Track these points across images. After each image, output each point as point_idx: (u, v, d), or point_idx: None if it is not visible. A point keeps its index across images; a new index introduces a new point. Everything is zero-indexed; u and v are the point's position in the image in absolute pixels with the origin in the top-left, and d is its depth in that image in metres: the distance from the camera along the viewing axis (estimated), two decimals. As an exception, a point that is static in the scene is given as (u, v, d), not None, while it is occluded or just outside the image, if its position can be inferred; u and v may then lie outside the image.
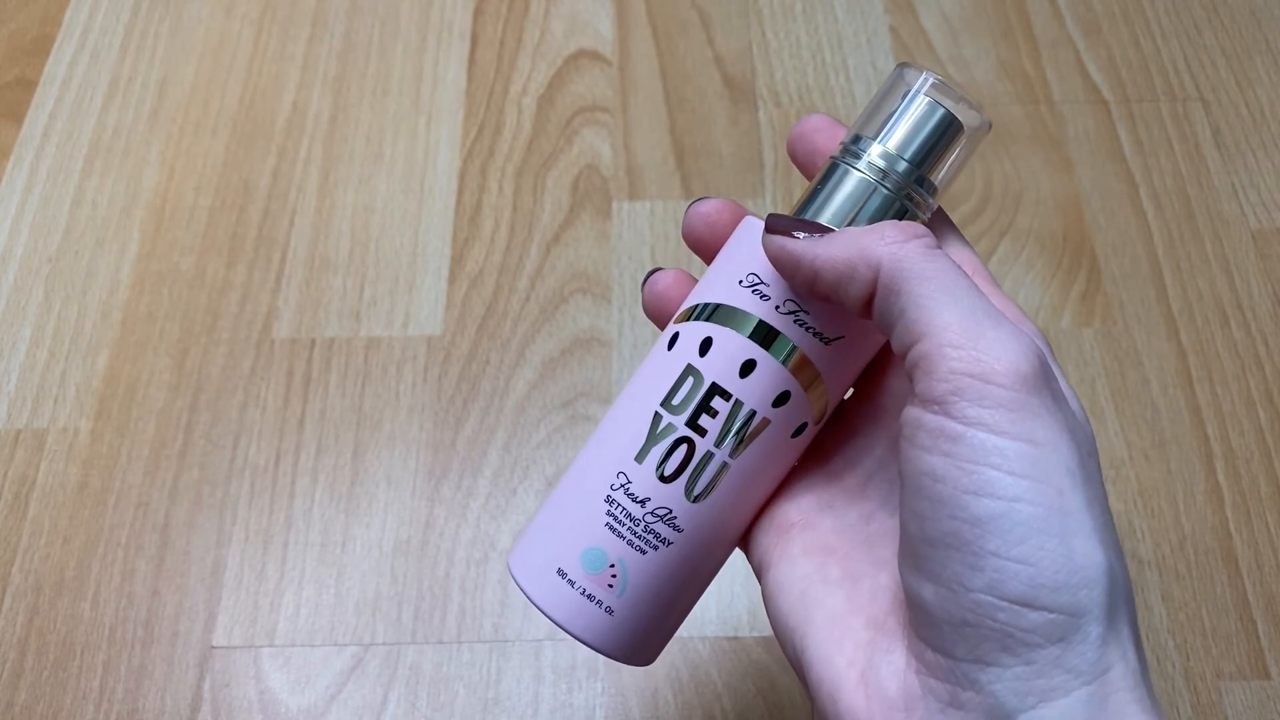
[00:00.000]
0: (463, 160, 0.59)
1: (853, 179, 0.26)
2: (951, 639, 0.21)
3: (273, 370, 0.52)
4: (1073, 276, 0.54)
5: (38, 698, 0.44)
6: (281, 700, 0.44)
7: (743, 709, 0.43)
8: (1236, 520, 0.47)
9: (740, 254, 0.27)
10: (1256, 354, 0.51)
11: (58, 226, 0.56)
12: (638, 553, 0.26)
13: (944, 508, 0.21)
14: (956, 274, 0.23)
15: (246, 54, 0.63)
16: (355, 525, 0.48)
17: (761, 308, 0.26)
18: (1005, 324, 0.22)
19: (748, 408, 0.26)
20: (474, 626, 0.45)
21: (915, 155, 0.26)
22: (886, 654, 0.23)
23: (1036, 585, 0.20)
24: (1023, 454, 0.21)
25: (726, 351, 0.26)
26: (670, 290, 0.29)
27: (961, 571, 0.21)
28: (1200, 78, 0.61)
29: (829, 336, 0.26)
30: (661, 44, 0.63)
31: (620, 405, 0.28)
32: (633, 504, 0.26)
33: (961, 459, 0.21)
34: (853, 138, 0.27)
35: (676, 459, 0.26)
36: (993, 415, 0.21)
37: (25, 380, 0.52)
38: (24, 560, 0.47)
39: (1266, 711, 0.43)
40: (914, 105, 0.26)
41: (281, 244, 0.56)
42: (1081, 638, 0.20)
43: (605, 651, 0.27)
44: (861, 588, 0.25)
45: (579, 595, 0.27)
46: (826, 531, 0.27)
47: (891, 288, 0.23)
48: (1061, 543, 0.20)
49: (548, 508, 0.28)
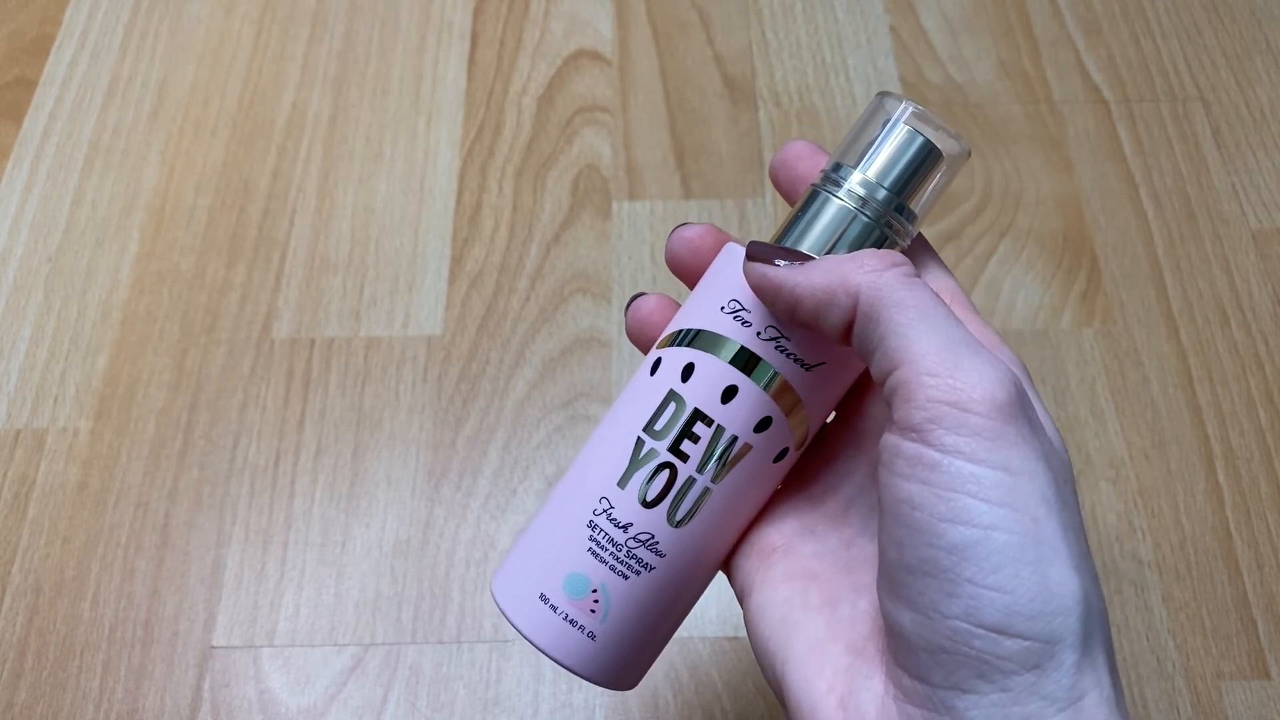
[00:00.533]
0: (463, 160, 0.59)
1: (833, 207, 0.26)
2: (928, 666, 0.21)
3: (273, 370, 0.52)
4: (1073, 276, 0.54)
5: (38, 698, 0.44)
6: (281, 700, 0.44)
7: (743, 709, 0.43)
8: (1236, 520, 0.47)
9: (722, 280, 0.27)
10: (1256, 354, 0.51)
11: (57, 226, 0.56)
12: (620, 578, 0.26)
13: (921, 535, 0.21)
14: (934, 302, 0.23)
15: (246, 54, 0.63)
16: (355, 525, 0.48)
17: (743, 334, 0.26)
18: (982, 352, 0.22)
19: (729, 433, 0.26)
20: (474, 626, 0.45)
21: (895, 183, 0.26)
22: (865, 680, 0.23)
23: (1012, 613, 0.20)
24: (998, 482, 0.21)
25: (708, 377, 0.26)
26: (653, 315, 0.29)
27: (938, 599, 0.21)
28: (1200, 78, 0.61)
29: (810, 363, 0.26)
30: (661, 44, 0.63)
31: (603, 430, 0.28)
32: (615, 529, 0.26)
33: (938, 486, 0.21)
34: (833, 165, 0.27)
35: (659, 484, 0.26)
36: (969, 443, 0.21)
37: (25, 380, 0.52)
38: (24, 560, 0.47)
39: (1266, 711, 0.43)
40: (894, 134, 0.26)
41: (281, 244, 0.56)
42: (1056, 665, 0.20)
43: (588, 677, 0.27)
44: (841, 613, 0.25)
45: (562, 621, 0.27)
46: (807, 557, 0.27)
47: (870, 315, 0.23)
48: (1036, 570, 0.21)
49: (531, 532, 0.28)
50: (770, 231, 0.55)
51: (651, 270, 0.54)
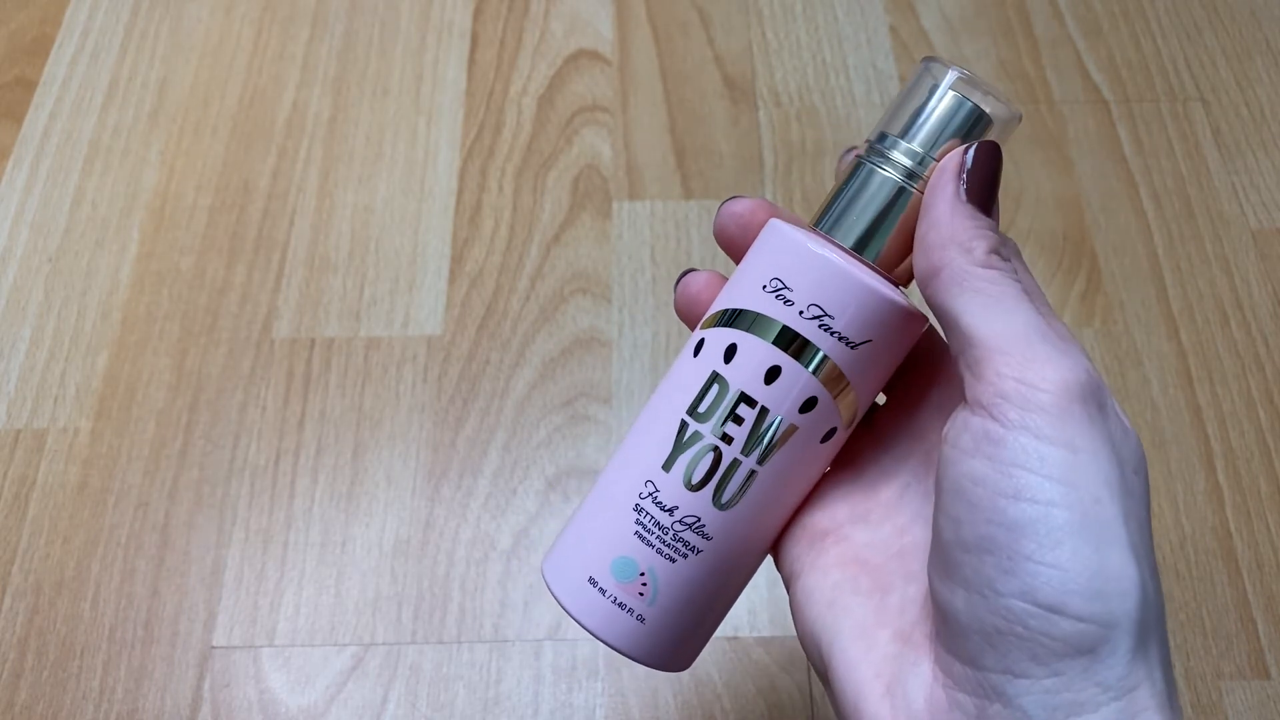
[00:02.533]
0: (463, 160, 0.59)
1: (878, 179, 0.26)
2: (980, 648, 0.21)
3: (273, 370, 0.52)
4: (1073, 276, 0.54)
5: (38, 698, 0.44)
6: (281, 700, 0.44)
7: (743, 709, 0.43)
8: (1236, 520, 0.47)
9: (764, 258, 0.27)
10: (1256, 354, 0.51)
11: (57, 226, 0.56)
12: (667, 561, 0.26)
13: (981, 511, 0.21)
14: (1018, 289, 0.23)
15: (246, 54, 0.63)
16: (355, 525, 0.48)
17: (785, 313, 0.25)
18: (1058, 341, 0.22)
19: (774, 414, 0.26)
20: (474, 626, 0.45)
21: (943, 152, 0.25)
22: (913, 667, 0.23)
23: (1068, 591, 0.20)
24: (1061, 460, 0.21)
25: (751, 358, 0.26)
26: (703, 293, 0.29)
27: (994, 576, 0.21)
28: (1200, 78, 0.61)
29: (855, 341, 0.25)
30: (661, 44, 0.63)
31: (647, 413, 0.28)
32: (661, 512, 0.26)
33: (1002, 461, 0.21)
34: (879, 135, 0.26)
35: (704, 467, 0.26)
36: (1035, 419, 0.21)
37: (25, 380, 0.52)
38: (24, 560, 0.47)
39: (1266, 711, 0.43)
40: (941, 100, 0.25)
41: (281, 244, 0.56)
42: (1110, 650, 0.20)
43: (639, 659, 0.27)
44: (891, 600, 0.25)
45: (611, 604, 0.27)
46: (860, 544, 0.27)
47: (953, 288, 0.23)
48: (1096, 551, 0.20)
49: (579, 516, 0.28)
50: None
51: (651, 270, 0.54)
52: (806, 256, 0.26)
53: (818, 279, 0.25)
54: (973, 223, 0.24)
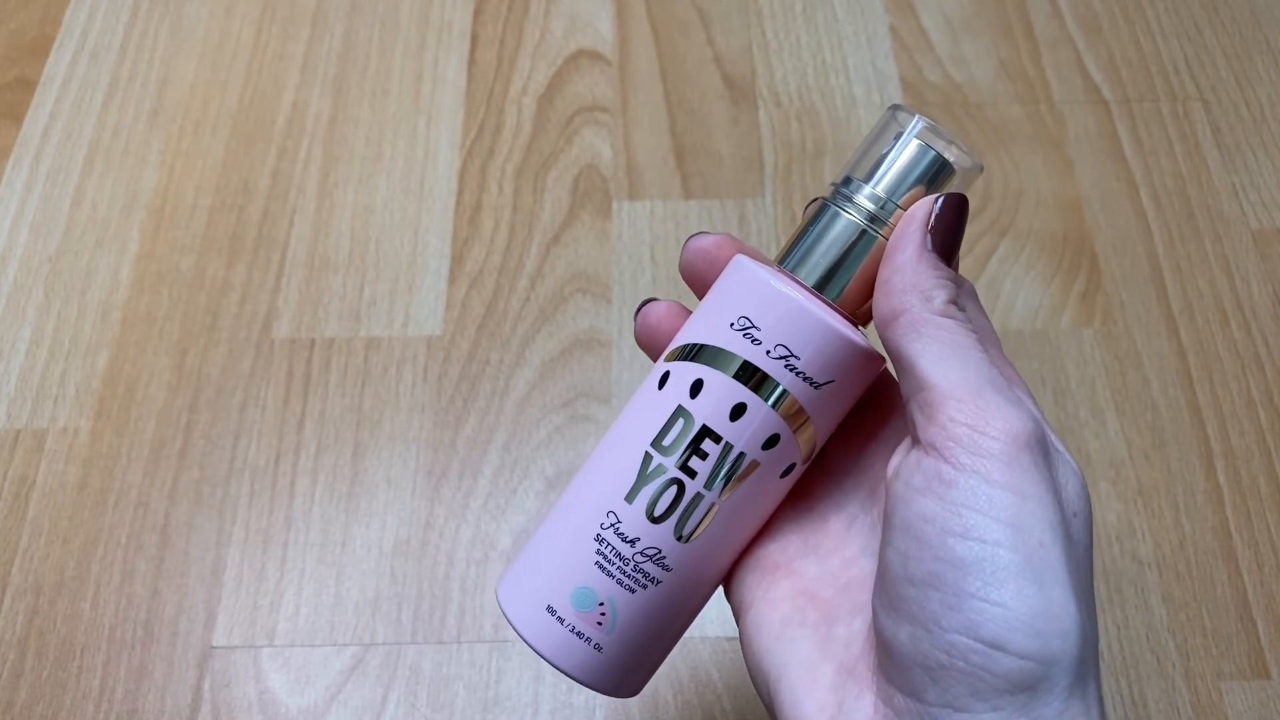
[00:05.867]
0: (463, 160, 0.59)
1: (842, 221, 0.26)
2: (922, 682, 0.22)
3: (272, 370, 0.52)
4: (1073, 276, 0.54)
5: (38, 698, 0.44)
6: (281, 700, 0.44)
7: (743, 709, 0.43)
8: (1236, 520, 0.47)
9: (731, 295, 0.27)
10: (1256, 354, 0.51)
11: (57, 226, 0.56)
12: (627, 592, 0.27)
13: (929, 548, 0.22)
14: (973, 339, 0.24)
15: (246, 54, 0.63)
16: (355, 525, 0.48)
17: (752, 351, 0.26)
18: (1008, 392, 0.23)
19: (738, 450, 0.26)
20: (474, 626, 0.45)
21: (906, 199, 0.26)
22: (856, 700, 0.24)
23: (1012, 628, 0.21)
24: (1010, 504, 0.22)
25: (717, 394, 0.26)
26: (663, 323, 0.29)
27: (939, 611, 0.21)
28: (1200, 78, 0.61)
29: (819, 381, 0.26)
30: (661, 44, 0.63)
31: (609, 443, 0.28)
32: (623, 544, 0.26)
33: (952, 502, 0.22)
34: (844, 179, 0.27)
35: (667, 500, 0.26)
36: (985, 465, 0.22)
37: (25, 380, 0.52)
38: (24, 560, 0.47)
39: (1266, 711, 0.43)
40: (905, 148, 0.26)
41: (281, 244, 0.56)
42: (1049, 687, 0.21)
43: (594, 686, 0.27)
44: (836, 633, 0.25)
45: (568, 633, 0.27)
46: (809, 577, 0.27)
47: (911, 333, 0.24)
48: (1039, 591, 0.21)
49: (537, 541, 0.28)
50: (769, 231, 0.55)
51: (651, 270, 0.54)
52: (775, 297, 0.26)
53: (785, 319, 0.26)
54: (935, 272, 0.24)
